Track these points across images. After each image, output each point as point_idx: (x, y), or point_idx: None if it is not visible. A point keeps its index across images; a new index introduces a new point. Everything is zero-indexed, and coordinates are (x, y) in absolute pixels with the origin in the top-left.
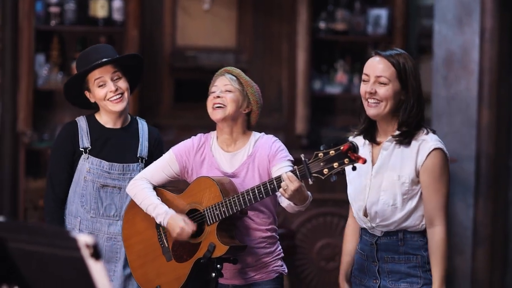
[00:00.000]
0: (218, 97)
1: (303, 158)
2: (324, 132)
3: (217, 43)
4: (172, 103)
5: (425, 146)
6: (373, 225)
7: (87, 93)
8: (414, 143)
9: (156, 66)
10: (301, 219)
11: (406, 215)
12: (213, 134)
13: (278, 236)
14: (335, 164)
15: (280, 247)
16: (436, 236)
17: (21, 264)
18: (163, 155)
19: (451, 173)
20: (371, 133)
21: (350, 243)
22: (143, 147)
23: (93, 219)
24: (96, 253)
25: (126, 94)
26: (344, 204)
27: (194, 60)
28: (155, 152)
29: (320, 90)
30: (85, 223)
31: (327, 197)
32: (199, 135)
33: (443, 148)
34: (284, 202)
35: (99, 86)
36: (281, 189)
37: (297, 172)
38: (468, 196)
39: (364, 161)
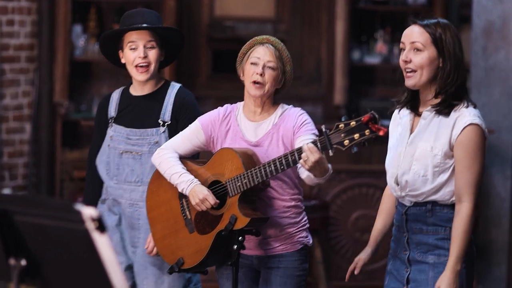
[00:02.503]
0: (261, 74)
1: (323, 129)
2: (363, 103)
3: (255, 13)
4: (210, 74)
5: (461, 120)
6: (403, 194)
7: (120, 53)
8: (452, 115)
9: (193, 36)
10: (336, 190)
11: (436, 188)
12: (239, 104)
13: (303, 206)
14: (356, 136)
15: (306, 217)
16: (461, 212)
17: (28, 237)
18: (190, 125)
19: (489, 145)
20: (413, 103)
21: (385, 204)
22: (166, 111)
23: (116, 186)
24: (101, 226)
25: (153, 66)
26: (381, 175)
27: (232, 31)
28: (180, 114)
29: (359, 61)
30: (110, 190)
31: (363, 168)
32: (225, 105)
33: (480, 124)
34: (304, 174)
35: (131, 49)
36: (301, 160)
37: (318, 143)
38: (506, 168)
39: (385, 132)
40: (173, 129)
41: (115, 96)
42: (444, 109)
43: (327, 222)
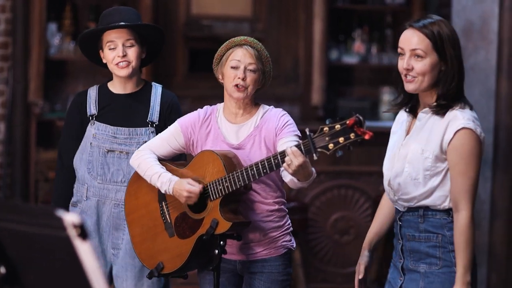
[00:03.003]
0: (243, 78)
1: (307, 133)
2: (341, 103)
3: (233, 12)
4: (187, 73)
5: (454, 124)
6: (395, 198)
7: (100, 52)
8: (446, 117)
9: (170, 35)
10: (314, 192)
11: (428, 193)
12: (219, 106)
13: (287, 210)
14: (341, 139)
15: (289, 221)
16: (459, 222)
17: (7, 244)
18: (169, 127)
19: None
20: (411, 105)
21: (381, 209)
22: (154, 111)
23: (100, 186)
24: (83, 233)
25: (134, 63)
26: (360, 176)
27: (209, 29)
28: (169, 116)
29: (337, 60)
30: (92, 190)
31: (342, 169)
32: (205, 107)
33: (473, 128)
34: (287, 177)
35: (110, 49)
36: (284, 164)
37: (302, 146)
38: (485, 169)
39: (370, 136)
40: (161, 131)
41: (92, 93)
42: (441, 109)
43: (306, 224)
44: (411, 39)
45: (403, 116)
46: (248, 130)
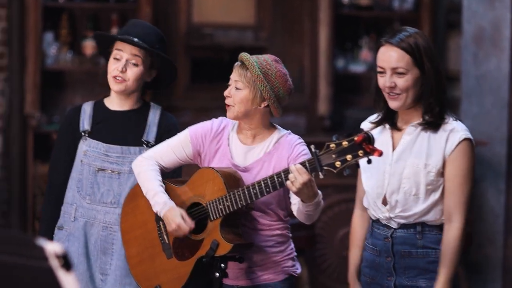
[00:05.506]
0: (228, 96)
1: (313, 150)
2: (348, 113)
3: (235, 20)
4: (188, 84)
5: (455, 135)
6: (392, 215)
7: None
8: (442, 131)
9: (170, 44)
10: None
11: (428, 208)
12: (235, 122)
13: (290, 234)
14: (348, 157)
15: (292, 245)
16: (451, 233)
17: None
18: (179, 133)
19: (482, 157)
20: (391, 119)
21: (359, 233)
22: (150, 130)
23: (89, 206)
24: (67, 264)
25: (130, 83)
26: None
27: (211, 38)
28: (167, 139)
29: (343, 69)
30: (81, 210)
31: (349, 183)
32: (220, 118)
33: (472, 139)
34: (294, 207)
35: (115, 58)
36: (288, 182)
37: (307, 164)
38: (499, 181)
39: (380, 154)
40: None
41: (87, 108)
42: (429, 126)
43: (313, 240)
44: (391, 57)
45: (376, 131)
46: (258, 154)
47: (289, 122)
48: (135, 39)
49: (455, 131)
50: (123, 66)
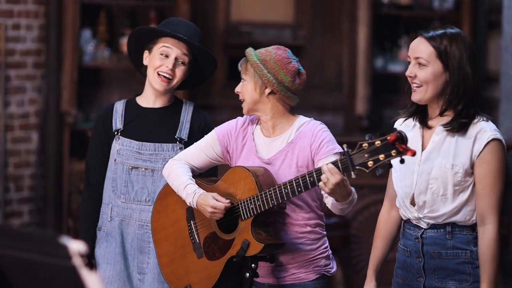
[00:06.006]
0: (239, 92)
1: (345, 149)
2: (387, 113)
3: (274, 18)
4: (226, 82)
5: (483, 135)
6: (420, 215)
7: (146, 52)
8: (471, 131)
9: (208, 42)
10: (357, 207)
11: (457, 209)
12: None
13: (324, 232)
14: (381, 156)
15: (326, 244)
16: (487, 235)
17: (9, 272)
18: (206, 135)
19: None
20: (421, 115)
21: (383, 228)
22: (183, 127)
23: (124, 205)
24: (90, 263)
25: (175, 81)
26: None
27: (249, 36)
28: (200, 136)
29: (382, 68)
30: (116, 209)
31: (385, 183)
32: (245, 116)
33: (502, 139)
34: (328, 200)
35: (161, 54)
36: (320, 183)
37: (339, 164)
38: None
39: (414, 153)
40: None
41: (119, 107)
42: (456, 127)
43: (348, 240)
44: (416, 47)
45: (402, 126)
46: (281, 145)
47: (327, 121)
48: (186, 38)
49: (483, 131)
50: (173, 64)
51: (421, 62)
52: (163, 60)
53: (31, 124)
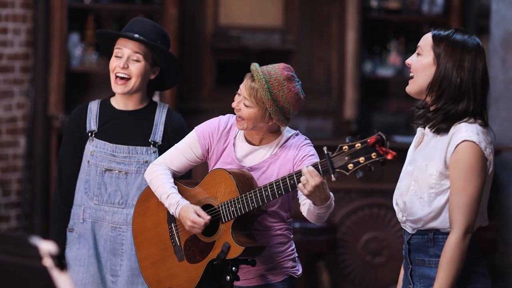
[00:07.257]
0: (238, 109)
1: (325, 151)
2: (375, 117)
3: (263, 22)
4: (214, 86)
5: (457, 137)
6: (403, 218)
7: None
8: (450, 131)
9: (197, 46)
10: (344, 211)
11: (434, 214)
12: None
13: (291, 235)
14: (361, 159)
15: (293, 246)
16: (448, 241)
17: None
18: (186, 136)
19: (508, 163)
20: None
21: None
22: (157, 130)
23: (97, 207)
24: (61, 264)
25: (133, 80)
26: (393, 194)
27: (237, 41)
28: (174, 138)
29: (371, 73)
30: (89, 211)
31: (373, 187)
32: (228, 115)
33: (477, 141)
34: (304, 208)
35: (116, 56)
36: (300, 184)
37: (319, 166)
38: None
39: (394, 156)
40: (164, 151)
41: (94, 107)
42: (434, 127)
43: (335, 245)
44: (423, 37)
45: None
46: (264, 155)
47: (315, 126)
48: (135, 35)
49: (458, 132)
50: (125, 62)
51: (419, 52)
52: (118, 60)
53: (18, 128)
